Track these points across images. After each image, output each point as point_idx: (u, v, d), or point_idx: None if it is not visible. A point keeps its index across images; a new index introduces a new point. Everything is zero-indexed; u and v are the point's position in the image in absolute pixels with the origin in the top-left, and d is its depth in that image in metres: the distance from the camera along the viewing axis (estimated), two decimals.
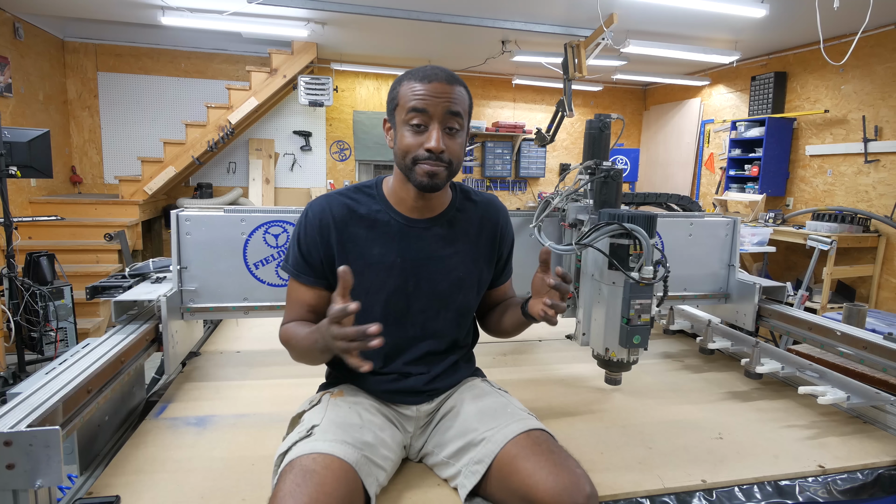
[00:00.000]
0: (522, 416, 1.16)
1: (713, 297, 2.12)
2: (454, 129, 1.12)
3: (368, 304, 1.19)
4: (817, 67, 5.23)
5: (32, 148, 3.25)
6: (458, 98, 1.12)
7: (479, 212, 1.30)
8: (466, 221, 1.28)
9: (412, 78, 1.12)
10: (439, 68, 1.14)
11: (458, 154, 1.14)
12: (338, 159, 6.97)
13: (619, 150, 6.98)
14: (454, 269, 1.25)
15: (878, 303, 4.73)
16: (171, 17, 4.71)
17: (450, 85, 1.11)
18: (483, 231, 1.30)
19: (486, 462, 1.08)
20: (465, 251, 1.26)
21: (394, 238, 1.21)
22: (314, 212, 1.21)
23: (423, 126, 1.10)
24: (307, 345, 1.12)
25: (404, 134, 1.12)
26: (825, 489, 1.27)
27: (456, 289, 1.25)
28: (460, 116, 1.12)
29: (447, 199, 1.27)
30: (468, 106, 1.17)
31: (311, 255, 1.21)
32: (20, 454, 0.92)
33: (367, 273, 1.19)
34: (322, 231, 1.19)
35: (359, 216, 1.21)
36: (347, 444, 1.04)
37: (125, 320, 1.64)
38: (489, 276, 1.33)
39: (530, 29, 4.84)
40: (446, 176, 1.14)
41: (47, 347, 3.37)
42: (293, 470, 0.96)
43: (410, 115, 1.10)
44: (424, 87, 1.09)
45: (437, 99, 1.09)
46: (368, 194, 1.24)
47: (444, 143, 1.10)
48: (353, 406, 1.18)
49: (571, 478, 0.98)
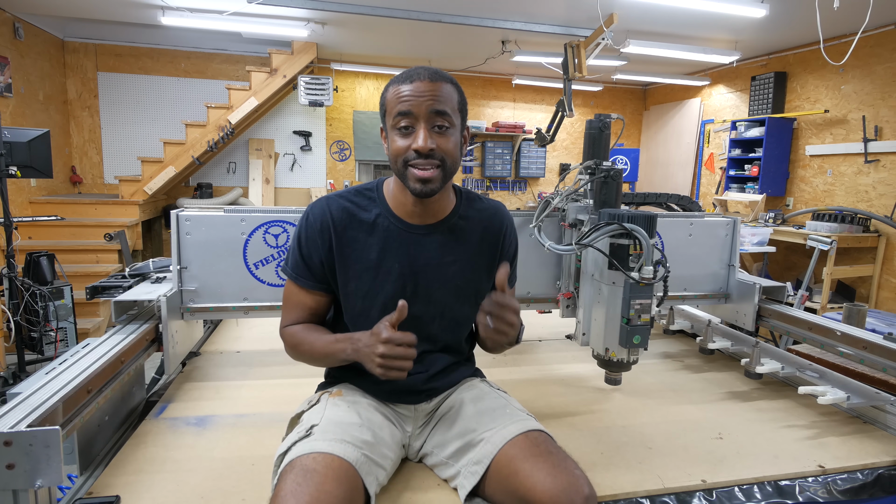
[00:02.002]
0: (521, 417, 1.15)
1: (713, 297, 2.12)
2: (443, 127, 1.09)
3: (365, 308, 1.21)
4: (817, 67, 5.23)
5: (32, 148, 3.25)
6: (443, 96, 1.09)
7: (482, 220, 1.28)
8: (468, 229, 1.25)
9: (397, 81, 1.11)
10: (423, 67, 1.12)
11: (451, 152, 1.12)
12: (338, 159, 6.97)
13: (619, 150, 6.98)
14: (452, 278, 1.23)
15: (878, 303, 4.73)
16: (171, 17, 4.71)
17: (433, 83, 1.09)
18: (485, 240, 1.27)
19: (485, 463, 1.08)
20: (464, 260, 1.24)
21: (393, 244, 1.20)
22: (315, 214, 1.20)
23: (411, 127, 1.09)
24: (328, 352, 1.16)
25: (394, 138, 1.11)
26: (825, 489, 1.27)
27: (452, 297, 1.24)
28: (447, 114, 1.09)
29: (449, 204, 1.24)
30: (458, 103, 1.13)
31: (312, 258, 1.20)
32: (20, 454, 0.92)
33: (364, 277, 1.19)
34: (322, 233, 1.19)
35: (358, 220, 1.20)
36: (347, 442, 1.04)
37: (125, 320, 1.64)
38: (489, 285, 1.30)
39: (530, 29, 4.84)
40: (441, 178, 1.11)
41: (47, 347, 3.37)
42: (294, 469, 0.96)
43: (397, 118, 1.09)
44: (408, 88, 1.08)
45: (420, 98, 1.07)
46: (369, 197, 1.23)
47: (434, 142, 1.08)
48: (352, 405, 1.18)
49: (570, 479, 0.98)
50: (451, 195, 1.25)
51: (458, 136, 1.14)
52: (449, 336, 1.28)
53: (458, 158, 1.15)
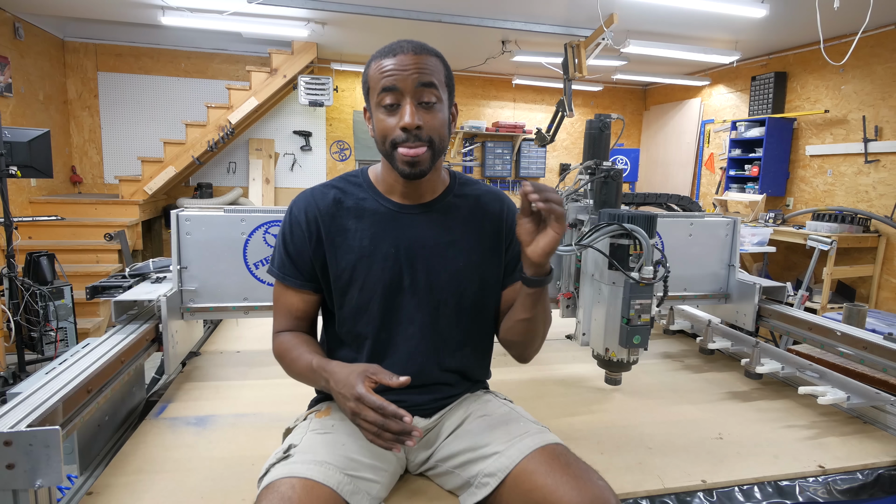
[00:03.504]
0: (536, 430, 1.10)
1: (713, 298, 2.12)
2: (431, 103, 1.02)
3: (363, 301, 1.13)
4: (817, 67, 5.23)
5: (32, 148, 3.24)
6: (430, 68, 1.02)
7: (480, 201, 1.20)
8: (466, 208, 1.18)
9: (379, 56, 1.04)
10: (406, 41, 1.04)
11: (439, 130, 1.05)
12: (338, 159, 6.97)
13: (619, 150, 6.98)
14: (453, 260, 1.14)
15: (878, 303, 4.73)
16: (171, 17, 4.71)
17: (417, 55, 1.02)
18: (485, 221, 1.18)
19: (500, 476, 1.03)
20: (463, 240, 1.16)
21: (385, 226, 1.12)
22: (299, 207, 1.14)
23: (396, 104, 1.02)
24: (307, 376, 1.10)
25: (379, 117, 1.04)
26: (825, 489, 1.27)
27: (455, 281, 1.14)
28: (434, 87, 1.02)
29: (441, 184, 1.17)
30: (444, 77, 1.06)
31: (301, 254, 1.14)
32: (20, 454, 0.92)
33: (359, 267, 1.12)
34: (310, 226, 1.12)
35: (345, 207, 1.13)
36: (328, 464, 0.99)
37: (125, 320, 1.64)
38: (497, 270, 1.20)
39: (530, 29, 4.84)
40: (430, 158, 1.05)
41: (47, 347, 3.37)
42: (270, 495, 0.91)
43: (381, 95, 1.02)
44: (391, 62, 1.01)
45: (404, 73, 1.00)
46: (354, 183, 1.16)
47: (421, 119, 1.01)
48: (341, 422, 1.12)
49: (595, 490, 0.94)
50: (442, 174, 1.19)
51: (445, 112, 1.07)
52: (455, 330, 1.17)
53: (447, 137, 1.09)
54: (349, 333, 1.17)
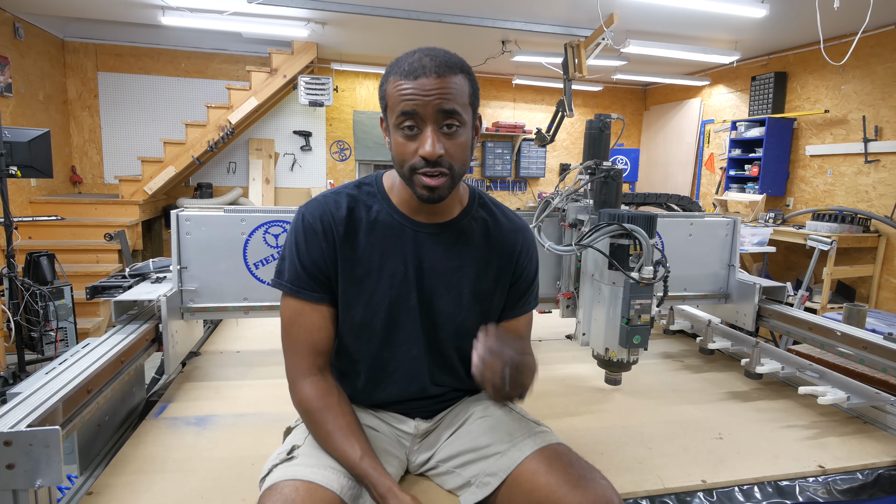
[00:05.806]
0: (538, 431, 1.10)
1: (713, 297, 2.12)
2: (453, 127, 0.97)
3: (368, 316, 1.10)
4: (817, 67, 5.23)
5: (32, 148, 3.24)
6: (453, 92, 0.95)
7: (496, 228, 1.16)
8: (479, 234, 1.14)
9: (398, 73, 0.97)
10: (428, 56, 0.96)
11: (460, 156, 0.99)
12: (338, 159, 6.97)
13: (619, 150, 6.98)
14: (457, 286, 1.12)
15: (878, 303, 4.73)
16: (171, 17, 4.70)
17: (440, 78, 0.94)
18: (497, 252, 1.15)
19: (501, 476, 1.02)
20: (471, 268, 1.13)
21: (396, 242, 1.09)
22: (313, 214, 1.07)
23: (416, 128, 0.96)
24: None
25: (398, 140, 0.99)
26: (825, 489, 1.27)
27: (457, 307, 1.13)
28: (457, 113, 0.96)
29: (458, 204, 1.13)
30: (469, 96, 0.99)
31: (317, 264, 1.06)
32: (20, 454, 0.92)
33: (366, 282, 1.08)
34: (326, 234, 1.06)
35: (358, 218, 1.08)
36: (332, 468, 0.98)
37: (125, 320, 1.64)
38: (500, 301, 1.18)
39: (530, 29, 4.84)
40: (450, 185, 1.00)
41: (47, 347, 3.37)
42: (272, 497, 0.91)
43: (400, 118, 0.96)
44: (411, 84, 0.94)
45: (426, 98, 0.94)
46: (367, 192, 1.11)
47: (442, 146, 0.96)
48: None
49: (598, 490, 0.94)
50: (461, 192, 1.14)
51: (468, 133, 1.01)
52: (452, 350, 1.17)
53: (468, 159, 1.03)
54: (347, 349, 1.14)
